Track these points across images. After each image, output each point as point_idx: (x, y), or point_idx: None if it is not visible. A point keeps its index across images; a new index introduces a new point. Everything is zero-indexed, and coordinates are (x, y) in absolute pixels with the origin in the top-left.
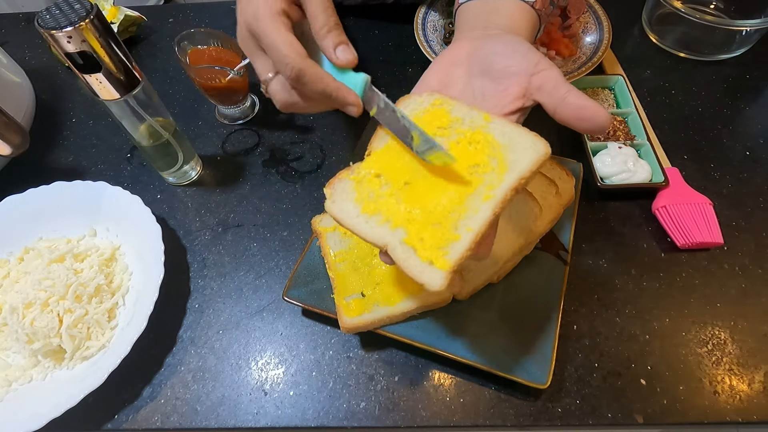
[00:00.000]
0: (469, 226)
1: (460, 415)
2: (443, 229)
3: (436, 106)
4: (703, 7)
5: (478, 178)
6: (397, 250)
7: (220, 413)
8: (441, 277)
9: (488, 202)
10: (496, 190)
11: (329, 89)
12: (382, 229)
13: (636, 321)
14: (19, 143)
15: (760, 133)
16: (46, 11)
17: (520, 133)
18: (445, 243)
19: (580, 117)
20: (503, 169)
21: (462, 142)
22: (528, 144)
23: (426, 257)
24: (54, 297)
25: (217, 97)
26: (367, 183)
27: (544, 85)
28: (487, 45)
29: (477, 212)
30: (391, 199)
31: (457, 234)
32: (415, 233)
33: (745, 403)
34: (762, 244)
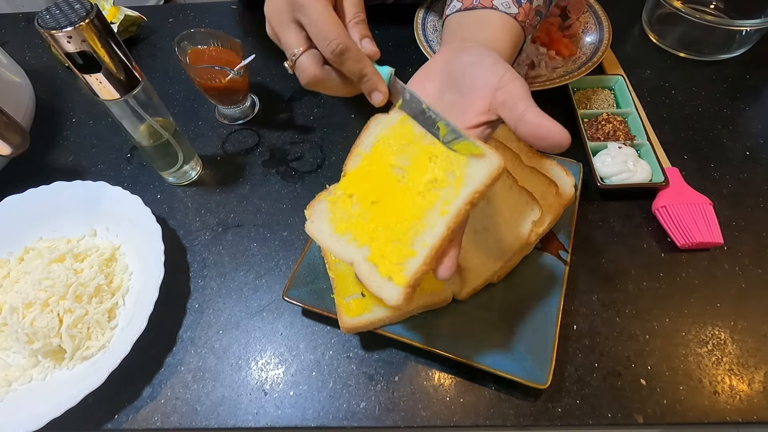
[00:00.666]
0: (425, 241)
1: (460, 415)
2: (402, 245)
3: (402, 122)
4: (703, 7)
5: (435, 194)
6: (361, 267)
7: (220, 413)
8: (398, 293)
9: (443, 218)
10: (451, 205)
11: (366, 70)
12: (350, 248)
13: (636, 321)
14: (19, 143)
15: (760, 133)
16: (46, 11)
17: (477, 146)
18: (403, 259)
19: (537, 135)
20: (459, 184)
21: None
22: (484, 161)
23: (385, 273)
24: (54, 297)
25: (217, 97)
26: (341, 203)
27: (507, 100)
28: (459, 57)
29: (433, 228)
30: (360, 218)
31: (414, 250)
32: (377, 250)
33: (745, 403)
34: (762, 244)
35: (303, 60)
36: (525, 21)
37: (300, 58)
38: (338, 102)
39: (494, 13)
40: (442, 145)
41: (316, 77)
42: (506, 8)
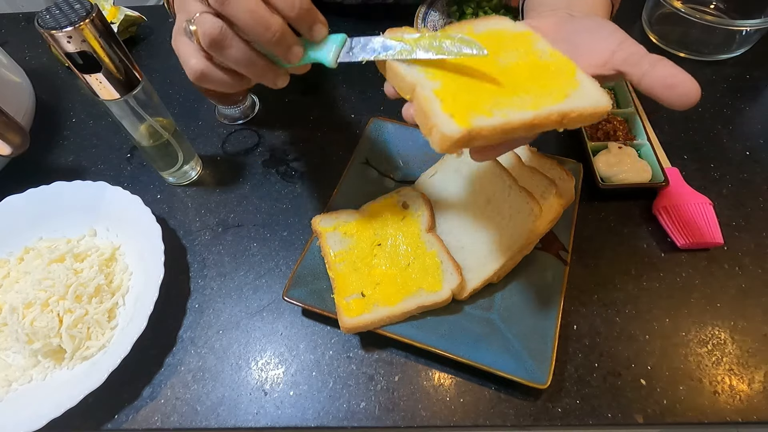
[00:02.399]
0: (504, 114)
1: (460, 415)
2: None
3: (524, 35)
4: (703, 7)
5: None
6: (425, 91)
7: (220, 413)
8: (457, 128)
9: (532, 111)
10: (545, 106)
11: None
12: (418, 73)
13: (636, 321)
14: (19, 143)
15: (760, 133)
16: (46, 11)
17: (593, 83)
18: (475, 112)
19: (667, 84)
20: (561, 96)
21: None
22: (594, 92)
23: (448, 110)
24: (54, 297)
25: (217, 97)
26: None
27: (630, 57)
28: (574, 22)
29: (520, 110)
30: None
31: (490, 113)
32: (449, 90)
33: (745, 403)
34: (762, 244)
35: (202, 15)
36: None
37: (202, 14)
38: (338, 102)
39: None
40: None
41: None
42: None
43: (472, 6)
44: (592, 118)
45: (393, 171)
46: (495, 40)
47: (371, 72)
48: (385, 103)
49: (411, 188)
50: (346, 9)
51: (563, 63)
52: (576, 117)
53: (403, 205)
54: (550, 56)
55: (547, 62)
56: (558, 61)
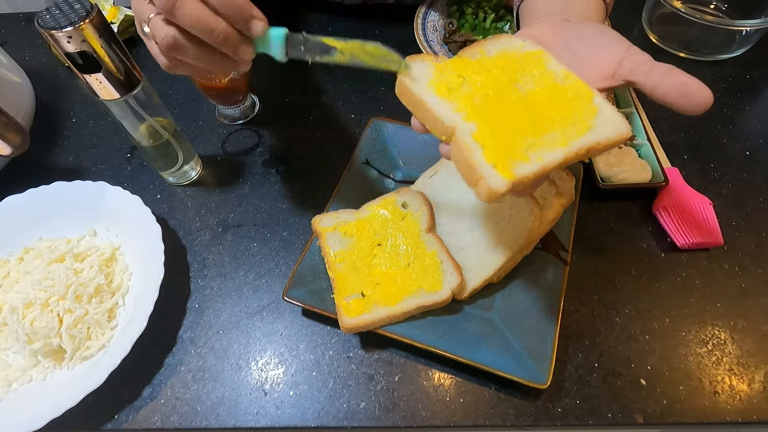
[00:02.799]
0: (540, 156)
1: (460, 415)
2: (515, 147)
3: (535, 54)
4: (703, 7)
5: (558, 122)
6: (466, 138)
7: (220, 413)
8: (503, 182)
9: (563, 149)
10: (573, 141)
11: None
12: (452, 113)
13: (636, 321)
14: (19, 143)
15: (760, 133)
16: (46, 11)
17: (610, 107)
18: (514, 158)
19: (682, 93)
20: (585, 128)
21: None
22: (614, 118)
23: (491, 159)
24: (54, 297)
25: (217, 97)
26: (448, 75)
27: (639, 66)
28: (574, 29)
29: (551, 149)
30: (470, 97)
31: (527, 157)
32: (487, 133)
33: (745, 403)
34: (762, 244)
35: (154, 20)
36: (610, 3)
37: (153, 19)
38: (338, 102)
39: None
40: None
41: (172, 37)
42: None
43: (472, 6)
44: (615, 145)
45: (393, 171)
46: (509, 63)
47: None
48: (385, 103)
49: (411, 188)
50: (346, 9)
51: (579, 87)
52: (601, 148)
53: (403, 205)
54: (565, 79)
55: (563, 86)
56: (574, 84)
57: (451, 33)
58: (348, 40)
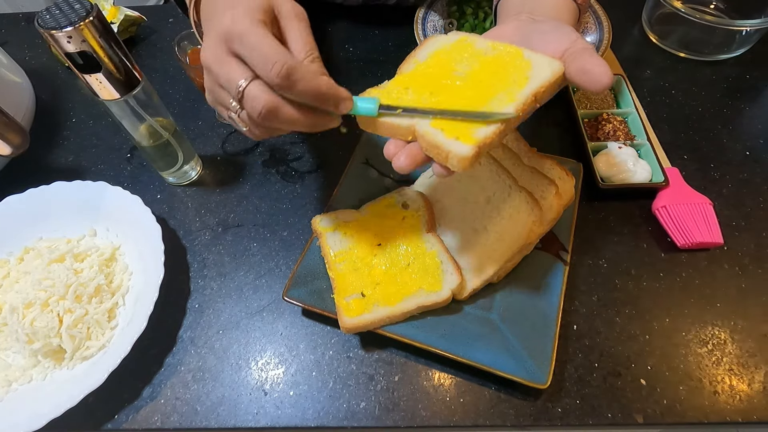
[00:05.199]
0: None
1: (460, 415)
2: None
3: (461, 41)
4: (703, 7)
5: (501, 87)
6: (425, 128)
7: (220, 413)
8: (468, 149)
9: (512, 103)
10: (518, 94)
11: (322, 87)
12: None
13: (636, 321)
14: (19, 143)
15: (760, 133)
16: (46, 11)
17: (541, 56)
18: (472, 127)
19: (582, 70)
20: (524, 80)
21: (489, 57)
22: (547, 62)
23: (452, 135)
24: (54, 297)
25: None
26: (396, 94)
27: (575, 52)
28: (534, 25)
29: (502, 107)
30: (417, 101)
31: (483, 123)
32: (441, 120)
33: (745, 403)
34: (762, 244)
35: (251, 88)
36: (582, 3)
37: (248, 88)
38: None
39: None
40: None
41: (270, 103)
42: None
43: (471, 6)
44: (557, 85)
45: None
46: (441, 59)
47: (371, 72)
48: None
49: (411, 188)
50: (346, 10)
51: (508, 50)
52: (545, 91)
53: (403, 205)
54: (494, 49)
55: (494, 56)
56: (503, 50)
57: None
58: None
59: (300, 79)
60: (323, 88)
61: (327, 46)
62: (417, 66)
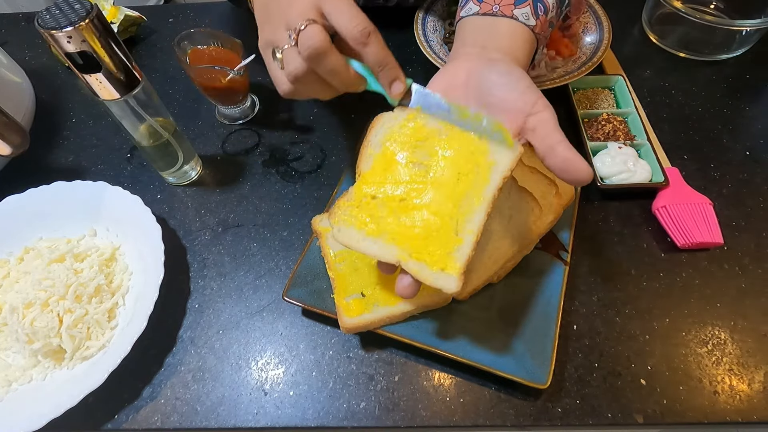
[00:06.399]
0: (468, 229)
1: (460, 415)
2: (446, 236)
3: (410, 120)
4: (703, 7)
5: (465, 184)
6: (410, 264)
7: (220, 413)
8: (455, 281)
9: (481, 205)
10: (484, 191)
11: (389, 59)
12: (390, 248)
13: (636, 321)
14: (19, 143)
15: (760, 133)
16: (46, 11)
17: (494, 133)
18: (450, 249)
19: (564, 168)
20: (487, 172)
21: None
22: (501, 140)
23: (437, 266)
24: (54, 297)
25: (217, 97)
26: (365, 206)
27: (539, 129)
28: (486, 73)
29: (473, 214)
30: (391, 218)
31: (460, 238)
32: (422, 246)
33: (745, 403)
34: (762, 244)
35: (313, 27)
36: (540, 33)
37: (310, 26)
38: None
39: (513, 23)
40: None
41: (322, 43)
42: (525, 19)
43: None
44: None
45: None
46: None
47: None
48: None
49: None
50: None
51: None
52: (509, 176)
53: None
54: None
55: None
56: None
57: (452, 33)
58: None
59: (377, 42)
60: (390, 58)
61: None
62: (375, 160)
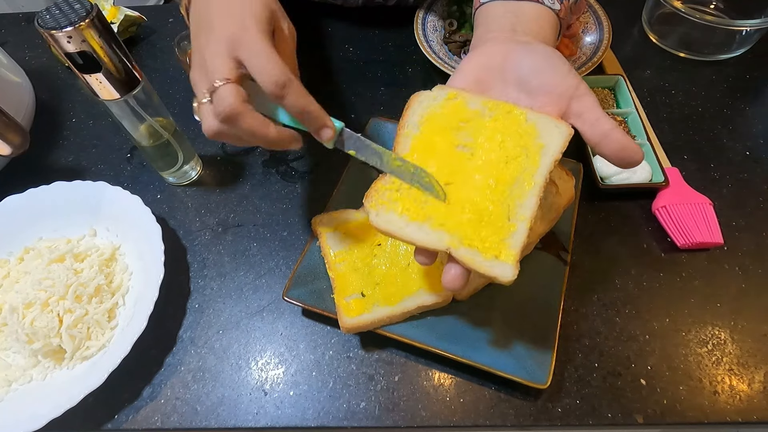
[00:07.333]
0: (521, 215)
1: (460, 415)
2: (499, 223)
3: (451, 99)
4: (703, 7)
5: (514, 168)
6: (461, 251)
7: (220, 413)
8: (510, 269)
9: (532, 189)
10: (535, 176)
11: (312, 106)
12: (438, 234)
13: (636, 321)
14: (19, 143)
15: (760, 133)
16: (46, 11)
17: (542, 117)
18: (504, 235)
19: (620, 156)
20: (536, 155)
21: (490, 125)
22: (554, 124)
23: (490, 254)
24: (54, 297)
25: None
26: (406, 191)
27: (585, 114)
28: (524, 55)
29: (524, 199)
30: (438, 204)
31: (513, 224)
32: (474, 233)
33: (745, 403)
34: (762, 244)
35: (226, 89)
36: (564, 18)
37: (223, 87)
38: (338, 102)
39: (539, 6)
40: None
41: (236, 108)
42: (551, 3)
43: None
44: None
45: None
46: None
47: (371, 72)
48: (384, 103)
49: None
50: (346, 11)
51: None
52: (559, 158)
53: None
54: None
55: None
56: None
57: (452, 33)
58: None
59: (294, 92)
60: (311, 107)
61: (327, 46)
62: (413, 141)
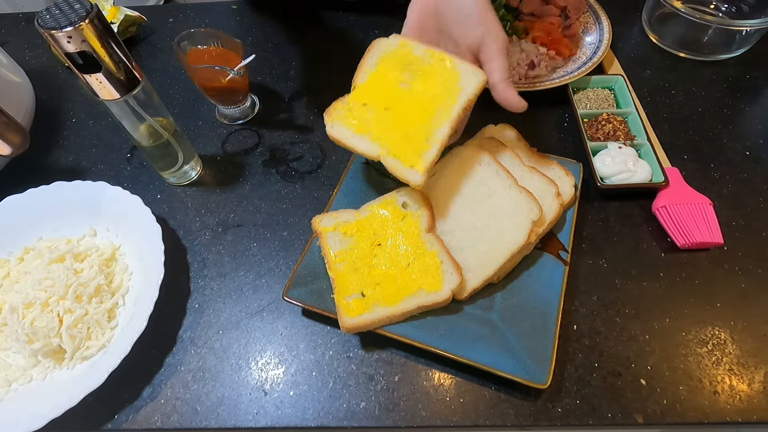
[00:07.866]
0: (436, 138)
1: (460, 415)
2: (418, 142)
3: (402, 47)
4: (703, 7)
5: (437, 102)
6: (388, 160)
7: (220, 413)
8: (419, 176)
9: (447, 120)
10: (452, 110)
11: None
12: (373, 146)
13: (636, 321)
14: (19, 143)
15: (760, 133)
16: (46, 11)
17: (465, 65)
18: (421, 151)
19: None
20: (455, 95)
21: (426, 68)
22: (472, 71)
23: (408, 164)
24: (54, 297)
25: (217, 97)
26: (357, 111)
27: (487, 64)
28: (447, 5)
29: (440, 127)
30: (377, 122)
31: (428, 144)
32: (397, 147)
33: (745, 403)
34: (762, 244)
35: None
36: None
37: None
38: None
39: None
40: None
41: None
42: None
43: None
44: (480, 92)
45: None
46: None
47: None
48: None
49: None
50: (346, 5)
51: (440, 59)
52: (474, 99)
53: (403, 205)
54: (430, 57)
55: (430, 67)
56: (437, 59)
57: None
58: None
59: None
60: None
61: (327, 43)
62: (369, 76)
